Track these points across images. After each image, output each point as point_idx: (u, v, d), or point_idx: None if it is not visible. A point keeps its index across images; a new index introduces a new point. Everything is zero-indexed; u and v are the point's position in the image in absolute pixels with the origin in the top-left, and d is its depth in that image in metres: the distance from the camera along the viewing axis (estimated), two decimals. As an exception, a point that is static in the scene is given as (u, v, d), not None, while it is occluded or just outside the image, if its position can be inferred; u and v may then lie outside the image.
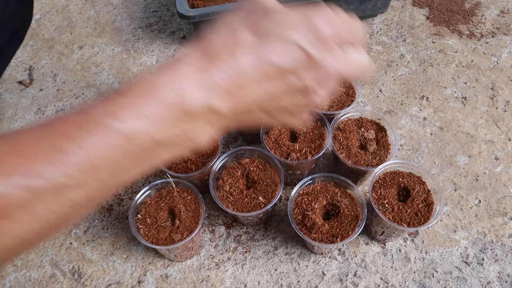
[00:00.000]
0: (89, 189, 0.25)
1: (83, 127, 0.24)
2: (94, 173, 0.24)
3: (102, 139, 0.24)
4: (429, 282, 0.57)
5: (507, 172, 0.67)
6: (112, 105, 0.25)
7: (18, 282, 0.60)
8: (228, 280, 0.59)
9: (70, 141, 0.23)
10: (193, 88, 0.26)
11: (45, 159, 0.23)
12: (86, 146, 0.23)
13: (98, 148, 0.24)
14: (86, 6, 0.99)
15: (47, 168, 0.23)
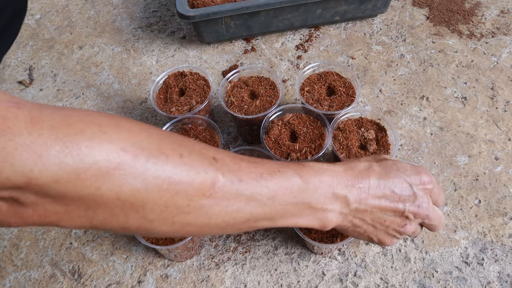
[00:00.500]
0: (260, 212, 0.35)
1: (281, 172, 0.36)
2: (271, 202, 0.35)
3: (288, 185, 0.36)
4: (429, 282, 0.57)
5: (507, 172, 0.67)
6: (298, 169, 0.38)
7: (18, 282, 0.60)
8: (228, 280, 0.59)
9: (271, 176, 0.35)
10: (342, 184, 0.39)
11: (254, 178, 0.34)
12: (278, 182, 0.35)
13: (283, 188, 0.36)
14: (86, 6, 0.99)
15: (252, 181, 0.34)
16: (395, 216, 0.41)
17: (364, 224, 0.41)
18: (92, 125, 0.27)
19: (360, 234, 0.43)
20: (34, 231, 0.65)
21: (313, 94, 0.66)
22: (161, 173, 0.29)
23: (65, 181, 0.26)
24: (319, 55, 0.84)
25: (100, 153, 0.27)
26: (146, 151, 0.29)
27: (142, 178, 0.28)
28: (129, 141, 0.28)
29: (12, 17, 0.66)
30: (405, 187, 0.41)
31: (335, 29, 0.89)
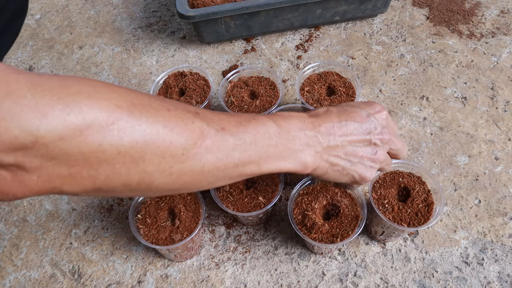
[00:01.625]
0: (246, 157, 0.38)
1: (257, 119, 0.40)
2: (254, 146, 0.38)
3: (265, 129, 0.40)
4: (429, 282, 0.57)
5: (507, 172, 0.67)
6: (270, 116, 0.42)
7: (18, 282, 0.60)
8: (228, 280, 0.59)
9: (249, 122, 0.39)
10: (309, 125, 0.43)
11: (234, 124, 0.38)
12: (256, 127, 0.39)
13: (262, 132, 0.39)
14: (86, 6, 0.99)
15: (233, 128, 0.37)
16: (365, 146, 0.46)
17: (340, 160, 0.45)
18: (88, 86, 0.29)
19: (341, 174, 0.47)
20: (34, 231, 0.65)
21: (313, 94, 0.66)
22: (155, 125, 0.32)
23: (70, 137, 0.27)
24: (319, 55, 0.84)
25: (99, 110, 0.29)
26: (138, 106, 0.31)
27: (139, 130, 0.31)
28: (122, 99, 0.31)
29: (12, 16, 0.66)
30: (364, 118, 0.46)
31: (335, 29, 0.89)
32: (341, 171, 0.46)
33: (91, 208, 0.67)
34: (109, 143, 0.29)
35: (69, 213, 0.67)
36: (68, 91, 0.28)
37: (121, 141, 0.30)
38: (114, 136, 0.29)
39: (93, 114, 0.28)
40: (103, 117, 0.29)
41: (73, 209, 0.67)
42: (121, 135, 0.30)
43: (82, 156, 0.29)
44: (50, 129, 0.26)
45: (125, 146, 0.30)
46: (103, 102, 0.29)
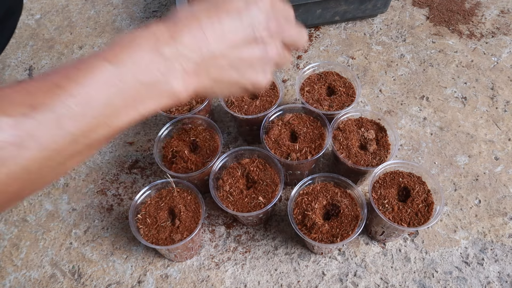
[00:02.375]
0: (85, 124, 0.28)
1: (81, 69, 0.29)
2: (90, 107, 0.28)
3: (97, 77, 0.29)
4: (429, 282, 0.57)
5: (507, 172, 0.67)
6: (102, 54, 0.30)
7: (18, 282, 0.60)
8: (228, 280, 0.59)
9: (69, 79, 0.28)
10: (165, 38, 0.32)
11: (48, 93, 0.27)
12: (82, 82, 0.28)
13: (93, 85, 0.28)
14: (86, 6, 0.99)
15: (48, 99, 0.27)
16: (251, 47, 0.36)
17: (223, 72, 0.35)
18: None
19: (229, 87, 0.37)
20: (34, 231, 0.65)
21: (313, 94, 0.66)
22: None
23: None
24: (319, 55, 0.84)
25: None
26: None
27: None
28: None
29: (6, 14, 0.66)
30: (241, 9, 0.34)
31: (335, 29, 0.89)
32: (228, 85, 0.37)
33: (91, 208, 0.67)
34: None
35: (69, 213, 0.67)
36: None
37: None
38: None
39: None
40: None
41: (73, 209, 0.67)
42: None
43: None
44: None
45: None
46: None
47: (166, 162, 0.61)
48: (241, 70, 0.36)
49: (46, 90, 0.27)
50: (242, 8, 0.35)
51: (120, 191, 0.68)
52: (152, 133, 0.75)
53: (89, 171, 0.71)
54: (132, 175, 0.70)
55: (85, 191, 0.69)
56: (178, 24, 0.33)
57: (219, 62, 0.34)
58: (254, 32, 0.35)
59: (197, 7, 0.34)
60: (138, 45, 0.31)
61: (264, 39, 0.36)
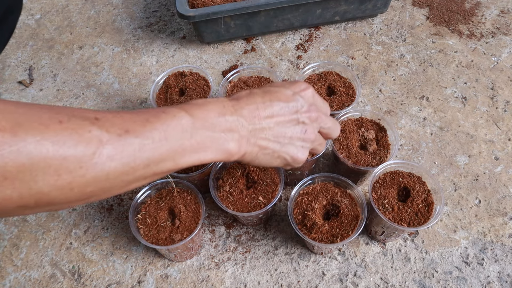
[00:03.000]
0: (159, 154, 0.36)
1: (166, 112, 0.37)
2: (166, 142, 0.36)
3: (176, 121, 0.37)
4: (429, 282, 0.57)
5: (507, 172, 0.67)
6: (182, 107, 0.39)
7: (18, 282, 0.60)
8: (228, 280, 0.59)
9: (156, 118, 0.36)
10: (230, 109, 0.41)
11: (139, 124, 0.35)
12: (166, 122, 0.36)
13: (173, 126, 0.37)
14: (86, 6, 0.99)
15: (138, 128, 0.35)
16: (293, 126, 0.44)
17: (269, 142, 0.43)
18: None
19: (272, 157, 0.44)
20: (34, 231, 0.65)
21: (313, 94, 0.66)
22: (43, 142, 0.30)
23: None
24: (319, 55, 0.84)
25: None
26: (24, 125, 0.30)
27: (25, 152, 0.29)
28: (5, 119, 0.29)
29: (5, 13, 0.66)
30: (289, 97, 0.44)
31: (335, 29, 0.89)
32: (271, 154, 0.44)
33: (91, 208, 0.67)
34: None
35: (69, 213, 0.67)
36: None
37: (6, 166, 0.28)
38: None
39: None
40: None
41: (73, 209, 0.67)
42: (6, 160, 0.28)
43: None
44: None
45: (11, 172, 0.29)
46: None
47: (166, 162, 0.61)
48: (283, 144, 0.44)
49: (138, 121, 0.35)
50: (289, 96, 0.44)
51: (120, 191, 0.68)
52: (152, 133, 0.75)
53: (89, 171, 0.71)
54: (132, 175, 0.70)
55: (85, 191, 0.69)
56: (240, 101, 0.42)
57: (267, 135, 0.43)
58: (297, 115, 0.44)
59: (256, 90, 0.44)
60: (210, 108, 0.40)
61: (305, 122, 0.44)
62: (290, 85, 0.46)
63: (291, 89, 0.45)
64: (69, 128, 0.31)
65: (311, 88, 0.47)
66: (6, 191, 0.29)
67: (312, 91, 0.46)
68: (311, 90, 0.46)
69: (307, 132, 0.45)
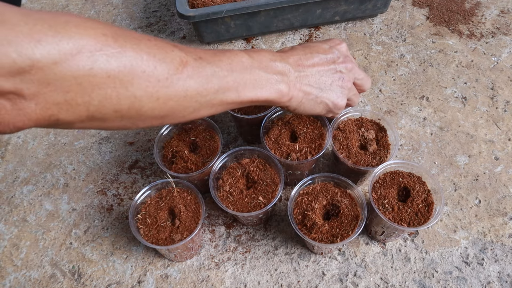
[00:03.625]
0: (225, 83, 0.41)
1: (231, 52, 0.44)
2: (231, 74, 0.42)
3: (238, 59, 0.43)
4: (429, 282, 0.57)
5: (507, 172, 0.67)
6: (242, 50, 0.45)
7: (18, 282, 0.60)
8: (228, 280, 0.59)
9: (223, 54, 0.42)
10: (278, 58, 0.46)
11: (210, 55, 0.41)
12: (231, 58, 0.42)
13: (236, 62, 0.43)
14: (86, 6, 0.99)
15: (210, 58, 0.41)
16: (332, 74, 0.49)
17: (312, 88, 0.48)
18: (74, 17, 0.32)
19: (315, 103, 0.49)
20: (34, 231, 0.65)
21: (313, 94, 0.66)
22: (139, 51, 0.34)
23: (62, 62, 0.30)
24: (319, 55, 0.84)
25: (88, 37, 0.31)
26: (122, 36, 0.34)
27: (125, 56, 0.33)
28: (107, 29, 0.33)
29: None
30: (327, 50, 0.50)
31: (335, 29, 0.89)
32: (315, 100, 0.49)
33: (91, 208, 0.67)
34: (99, 67, 0.32)
35: (69, 213, 0.67)
36: (57, 20, 0.30)
37: (110, 66, 0.32)
38: (103, 61, 0.32)
39: (82, 40, 0.31)
40: (92, 43, 0.31)
41: (73, 209, 0.67)
42: (110, 60, 0.32)
43: (75, 81, 0.31)
44: (45, 53, 0.29)
45: (114, 70, 0.32)
46: (90, 31, 0.32)
47: (166, 162, 0.61)
48: (324, 89, 0.49)
49: (210, 54, 0.41)
50: (327, 49, 0.50)
51: (120, 191, 0.68)
52: (152, 133, 0.75)
53: (89, 171, 0.71)
54: (132, 175, 0.70)
55: (85, 191, 0.69)
56: (286, 53, 0.48)
57: (310, 81, 0.48)
58: (335, 65, 0.50)
59: (297, 46, 0.51)
60: (263, 53, 0.46)
61: (342, 71, 0.50)
62: (326, 41, 0.52)
63: (328, 43, 0.51)
64: (157, 45, 0.36)
65: (344, 43, 0.53)
66: (107, 89, 0.33)
67: (345, 45, 0.52)
68: (345, 44, 0.53)
69: (344, 80, 0.50)
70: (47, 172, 0.72)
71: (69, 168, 0.72)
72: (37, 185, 0.70)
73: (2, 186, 0.70)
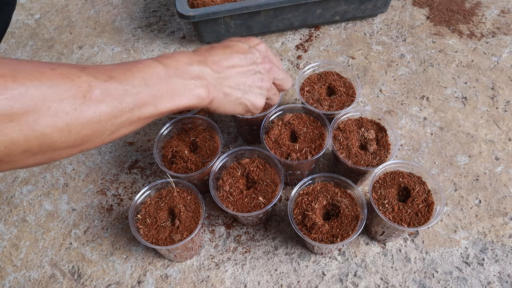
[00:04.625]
0: (140, 99, 0.40)
1: (143, 63, 0.42)
2: (145, 88, 0.40)
3: (152, 70, 0.41)
4: (429, 282, 0.57)
5: (507, 172, 0.67)
6: (155, 58, 0.43)
7: (18, 282, 0.60)
8: (228, 280, 0.59)
9: (135, 67, 0.41)
10: (195, 60, 0.45)
11: (121, 72, 0.39)
12: (143, 71, 0.41)
13: (149, 74, 0.41)
14: (86, 6, 0.99)
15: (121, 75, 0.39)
16: (251, 75, 0.49)
17: (232, 90, 0.48)
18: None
19: (235, 104, 0.49)
20: (34, 231, 0.65)
21: (313, 94, 0.66)
22: (41, 87, 0.33)
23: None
24: (319, 55, 0.84)
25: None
26: (22, 72, 0.33)
27: (27, 95, 0.32)
28: (4, 68, 0.32)
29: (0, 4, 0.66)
30: (247, 50, 0.49)
31: (335, 29, 0.89)
32: (234, 101, 0.49)
33: (91, 208, 0.67)
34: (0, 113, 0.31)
35: (68, 213, 0.67)
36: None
37: (12, 109, 0.31)
38: (3, 105, 0.31)
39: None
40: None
41: (73, 209, 0.67)
42: (10, 103, 0.31)
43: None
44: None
45: (17, 113, 0.31)
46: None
47: (166, 162, 0.61)
48: (244, 91, 0.49)
49: (120, 70, 0.39)
50: (246, 49, 0.49)
51: (120, 191, 0.68)
52: (152, 133, 0.75)
53: (88, 171, 0.71)
54: (132, 175, 0.70)
55: (85, 191, 0.69)
56: (204, 54, 0.47)
57: (230, 83, 0.47)
58: (254, 66, 0.49)
59: (216, 45, 0.49)
60: (179, 58, 0.44)
61: (261, 72, 0.50)
62: (245, 40, 0.51)
63: (247, 43, 0.50)
64: (61, 74, 0.35)
65: (263, 43, 0.52)
66: (13, 133, 0.32)
67: (265, 45, 0.52)
68: (264, 44, 0.52)
69: (264, 81, 0.50)
70: (47, 172, 0.72)
71: (68, 168, 0.72)
72: (36, 185, 0.70)
73: (1, 186, 0.70)
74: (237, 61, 0.48)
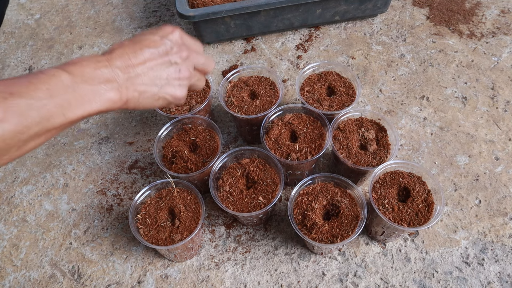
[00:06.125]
0: (47, 111, 0.38)
1: (46, 73, 0.39)
2: (51, 100, 0.38)
3: (57, 80, 0.39)
4: (429, 282, 0.57)
5: (507, 172, 0.67)
6: (60, 67, 0.41)
7: (18, 282, 0.60)
8: (228, 280, 0.59)
9: (37, 79, 0.39)
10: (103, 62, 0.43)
11: (22, 86, 0.38)
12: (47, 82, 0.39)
13: (54, 84, 0.39)
14: (86, 6, 0.99)
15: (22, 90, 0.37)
16: (167, 67, 0.47)
17: (147, 87, 0.46)
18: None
19: (153, 100, 0.48)
20: (34, 231, 0.65)
21: (313, 94, 0.66)
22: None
23: None
24: (319, 55, 0.84)
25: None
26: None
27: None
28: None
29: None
30: (158, 42, 0.47)
31: (335, 29, 0.89)
32: (152, 97, 0.47)
33: (91, 208, 0.67)
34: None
35: (68, 213, 0.67)
36: None
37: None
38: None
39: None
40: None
41: (72, 209, 0.67)
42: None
43: None
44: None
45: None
46: None
47: (166, 162, 0.61)
48: (160, 86, 0.47)
49: (21, 84, 0.37)
50: (157, 41, 0.47)
51: (120, 191, 0.68)
52: (152, 133, 0.75)
53: (88, 171, 0.71)
54: (132, 175, 0.70)
55: (85, 191, 0.69)
56: (112, 54, 0.44)
57: (143, 80, 0.45)
58: (169, 57, 0.47)
59: (126, 42, 0.47)
60: (85, 64, 0.42)
61: (177, 62, 0.48)
62: (157, 31, 0.49)
63: (159, 34, 0.48)
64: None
65: (177, 30, 0.49)
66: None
67: (179, 32, 0.49)
68: (178, 31, 0.49)
69: (182, 71, 0.48)
70: (47, 172, 0.72)
71: (68, 168, 0.72)
72: (36, 185, 0.70)
73: (1, 186, 0.70)
74: (147, 56, 0.46)
